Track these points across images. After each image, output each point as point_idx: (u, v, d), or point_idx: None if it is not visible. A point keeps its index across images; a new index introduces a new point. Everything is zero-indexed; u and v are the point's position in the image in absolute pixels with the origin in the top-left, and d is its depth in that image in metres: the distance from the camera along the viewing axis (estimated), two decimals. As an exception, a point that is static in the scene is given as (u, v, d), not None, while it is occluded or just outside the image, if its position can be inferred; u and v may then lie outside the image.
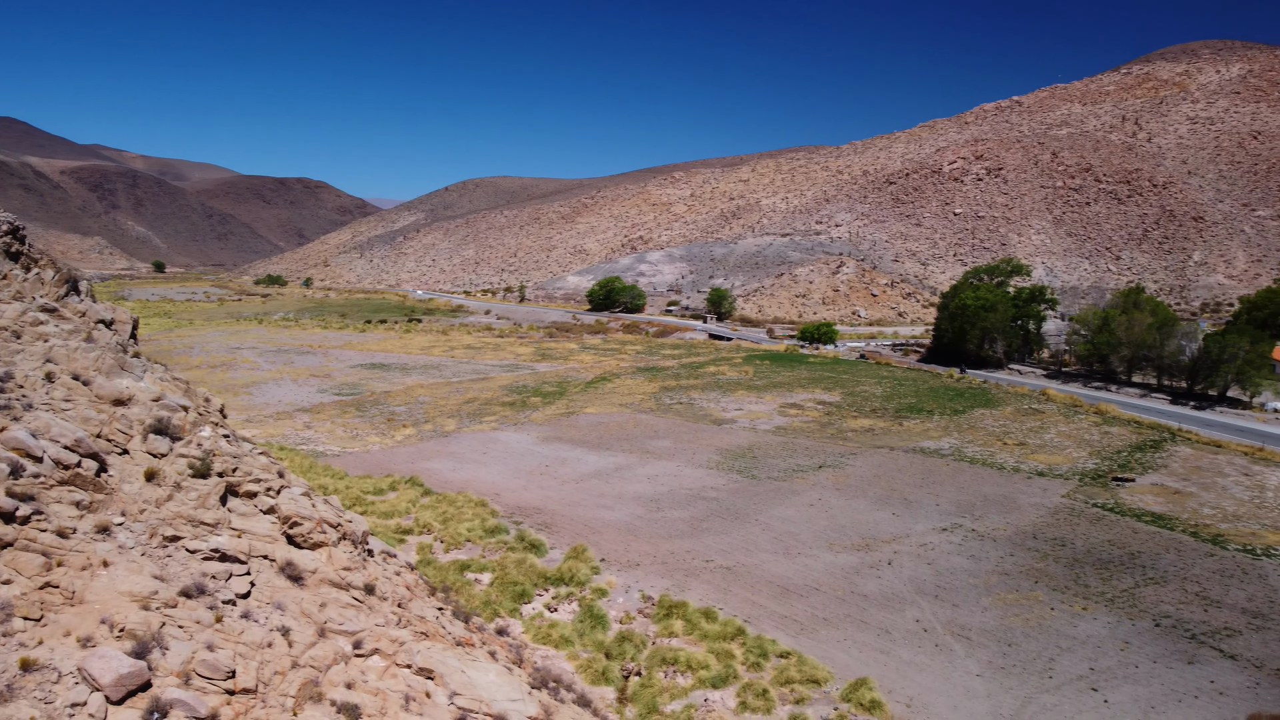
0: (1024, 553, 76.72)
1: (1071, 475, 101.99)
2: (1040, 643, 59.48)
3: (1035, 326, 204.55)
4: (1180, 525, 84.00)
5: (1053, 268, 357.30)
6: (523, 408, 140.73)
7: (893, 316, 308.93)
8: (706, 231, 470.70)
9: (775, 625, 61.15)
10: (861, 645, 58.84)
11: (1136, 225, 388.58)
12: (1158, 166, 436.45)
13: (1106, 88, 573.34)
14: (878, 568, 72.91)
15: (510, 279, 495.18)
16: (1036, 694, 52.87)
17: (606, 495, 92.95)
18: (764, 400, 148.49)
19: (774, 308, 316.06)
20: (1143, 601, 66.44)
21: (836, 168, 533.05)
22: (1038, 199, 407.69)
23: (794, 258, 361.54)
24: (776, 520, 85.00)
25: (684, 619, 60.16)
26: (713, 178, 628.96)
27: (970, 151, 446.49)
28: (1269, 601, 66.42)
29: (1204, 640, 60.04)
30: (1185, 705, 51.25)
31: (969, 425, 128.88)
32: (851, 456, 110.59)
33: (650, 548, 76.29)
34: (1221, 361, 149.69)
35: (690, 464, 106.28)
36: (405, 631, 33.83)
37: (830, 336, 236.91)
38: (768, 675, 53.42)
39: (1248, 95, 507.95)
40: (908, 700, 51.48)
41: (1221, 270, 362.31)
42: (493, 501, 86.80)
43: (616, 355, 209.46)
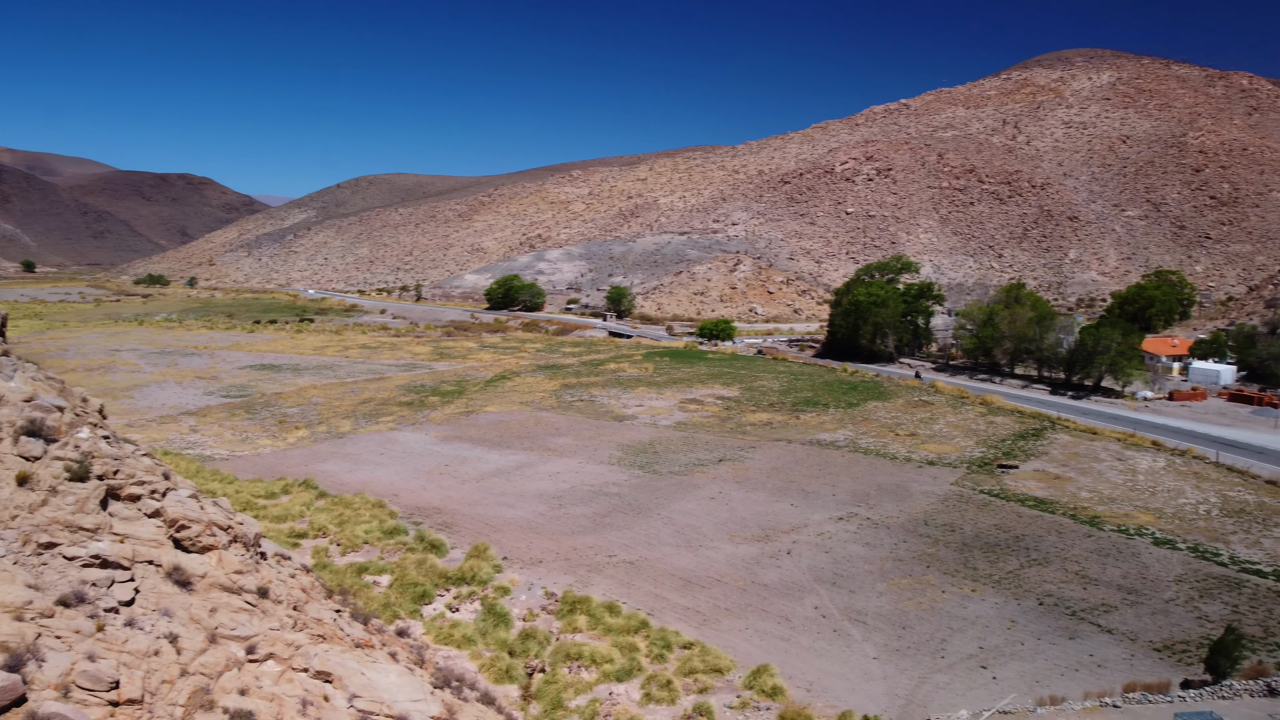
0: (916, 539, 79.19)
1: (960, 464, 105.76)
2: (933, 624, 61.48)
3: (924, 322, 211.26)
4: (1060, 508, 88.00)
5: (940, 265, 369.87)
6: (421, 407, 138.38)
7: (788, 313, 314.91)
8: (605, 230, 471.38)
9: (679, 617, 61.63)
10: (763, 633, 59.80)
11: (1017, 224, 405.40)
12: (1036, 168, 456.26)
13: (988, 92, 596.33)
14: (777, 558, 74.21)
15: (406, 278, 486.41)
16: (930, 673, 54.64)
17: (508, 493, 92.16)
18: (664, 396, 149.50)
19: (673, 305, 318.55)
20: (1027, 582, 69.36)
21: (733, 167, 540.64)
22: (925, 199, 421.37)
23: (692, 256, 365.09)
24: (678, 514, 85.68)
25: (588, 614, 60.10)
26: (611, 176, 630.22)
27: (861, 152, 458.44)
28: (1141, 578, 70.15)
29: (1084, 616, 63.03)
30: (1067, 678, 53.70)
31: (863, 417, 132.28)
32: (751, 450, 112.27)
33: (553, 544, 75.97)
34: (1096, 353, 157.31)
35: (592, 460, 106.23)
36: (302, 635, 32.85)
37: (728, 333, 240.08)
38: (672, 666, 53.80)
39: (1117, 101, 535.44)
40: (808, 685, 52.54)
41: (1095, 267, 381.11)
42: (391, 502, 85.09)
43: (516, 353, 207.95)
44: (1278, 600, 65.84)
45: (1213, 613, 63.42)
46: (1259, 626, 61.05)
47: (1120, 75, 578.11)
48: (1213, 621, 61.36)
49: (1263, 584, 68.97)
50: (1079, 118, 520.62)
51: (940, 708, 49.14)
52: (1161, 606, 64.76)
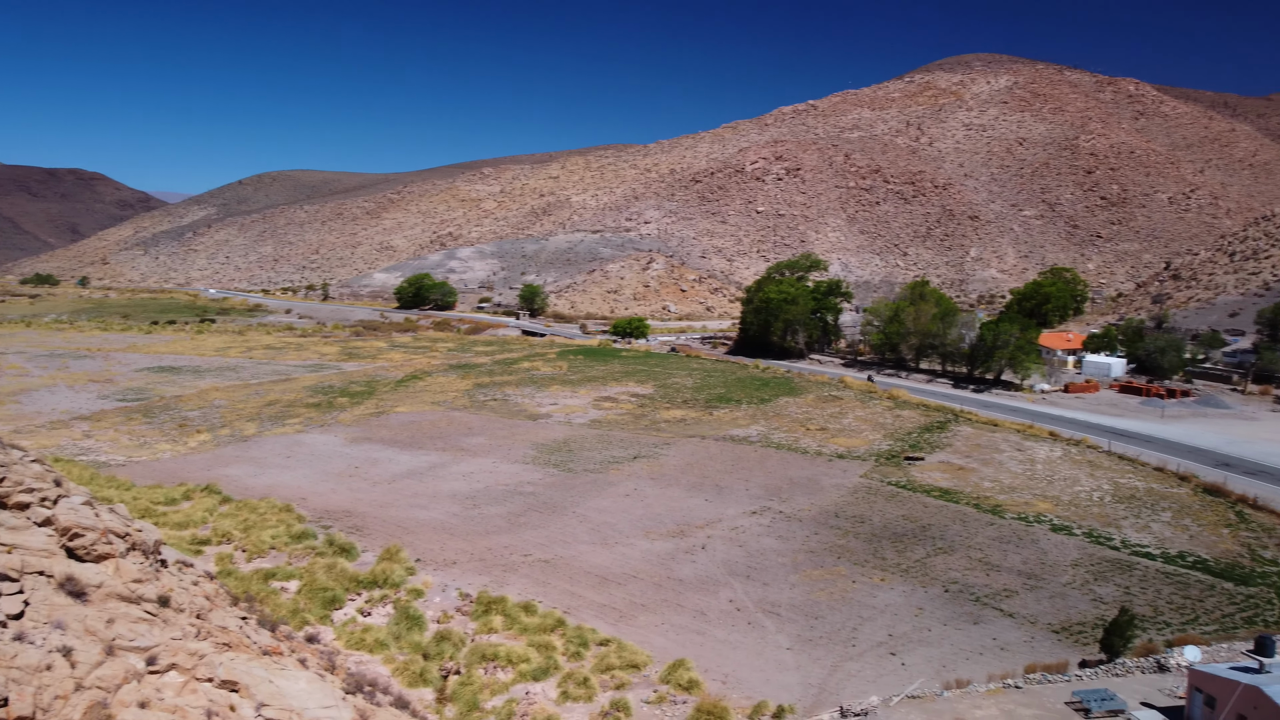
0: (828, 531, 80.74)
1: (868, 456, 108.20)
2: (844, 614, 62.77)
3: (833, 318, 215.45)
4: (964, 498, 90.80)
5: (848, 263, 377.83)
6: (329, 408, 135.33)
7: (701, 311, 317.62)
8: (518, 228, 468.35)
9: (595, 614, 61.60)
10: (679, 628, 60.20)
11: (921, 223, 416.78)
12: (938, 169, 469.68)
13: (892, 94, 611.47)
14: (692, 553, 74.79)
15: (313, 276, 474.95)
16: (842, 662, 55.78)
17: (421, 495, 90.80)
18: (578, 394, 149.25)
19: (586, 303, 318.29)
20: (934, 570, 71.37)
21: (645, 166, 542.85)
22: (833, 198, 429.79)
23: (605, 254, 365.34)
24: (594, 511, 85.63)
25: (503, 614, 59.63)
26: (523, 174, 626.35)
27: (771, 152, 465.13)
28: (1041, 563, 72.86)
29: (987, 602, 65.15)
30: (972, 662, 55.43)
31: (775, 413, 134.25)
32: (665, 446, 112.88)
33: (467, 545, 75.14)
34: (996, 348, 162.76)
35: (506, 460, 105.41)
36: (205, 644, 31.78)
37: (642, 331, 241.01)
38: (588, 664, 53.76)
39: (1014, 105, 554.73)
40: (723, 677, 53.09)
41: (995, 265, 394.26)
42: (299, 506, 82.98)
43: (428, 353, 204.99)
44: (1166, 581, 69.14)
45: (1106, 595, 66.22)
46: (1149, 606, 63.99)
47: (1017, 80, 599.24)
48: (1107, 603, 64.07)
49: (1152, 566, 72.32)
50: (978, 120, 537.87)
51: (852, 695, 50.19)
52: (1059, 590, 67.34)
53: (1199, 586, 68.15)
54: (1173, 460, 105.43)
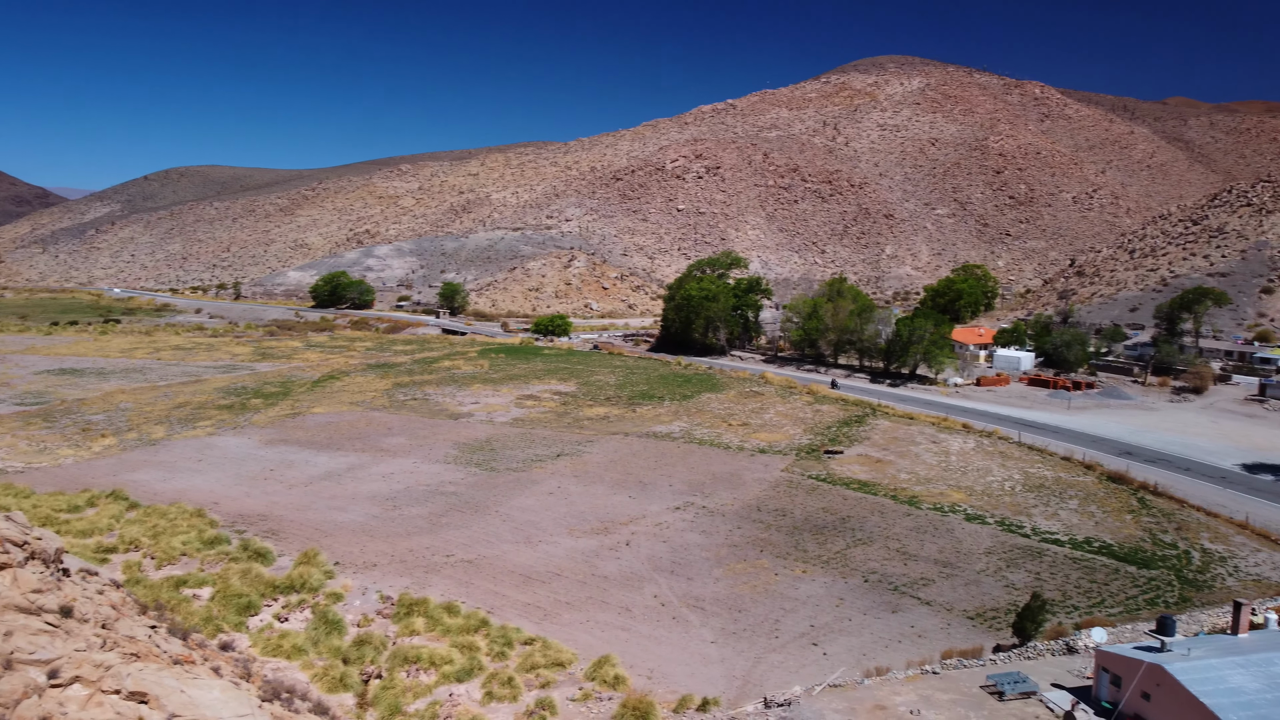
0: (750, 525, 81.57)
1: (789, 451, 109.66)
2: (767, 606, 63.49)
3: (754, 315, 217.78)
4: (882, 490, 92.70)
5: (767, 261, 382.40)
6: (243, 410, 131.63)
7: (623, 308, 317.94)
8: (437, 225, 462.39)
9: (519, 613, 61.15)
10: (604, 625, 60.13)
11: (838, 221, 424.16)
12: (854, 168, 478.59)
13: (809, 94, 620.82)
14: (617, 549, 74.79)
15: (224, 275, 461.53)
16: (765, 654, 56.39)
17: (339, 496, 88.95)
18: (500, 393, 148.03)
19: (508, 301, 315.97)
20: (853, 560, 72.68)
21: (565, 163, 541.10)
22: (752, 197, 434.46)
23: (526, 252, 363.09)
24: (517, 510, 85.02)
25: (425, 616, 58.75)
26: (441, 171, 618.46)
27: (691, 151, 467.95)
28: (955, 552, 74.80)
29: (905, 591, 66.61)
30: (891, 649, 56.60)
31: (697, 409, 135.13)
32: (588, 444, 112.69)
33: (388, 547, 73.86)
34: (911, 343, 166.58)
35: (427, 460, 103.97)
36: (112, 654, 30.55)
37: (564, 329, 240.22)
38: (513, 663, 53.32)
39: (926, 106, 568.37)
40: (649, 672, 53.20)
41: (909, 262, 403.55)
42: (211, 511, 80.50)
43: (345, 352, 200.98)
44: (1074, 566, 71.64)
45: (1018, 581, 68.31)
46: (1058, 591, 66.21)
47: (929, 81, 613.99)
48: (1018, 589, 66.08)
49: (1060, 552, 74.86)
50: (892, 121, 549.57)
51: (775, 686, 50.76)
52: (974, 577, 69.22)
53: (1104, 570, 70.79)
54: (1079, 450, 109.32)
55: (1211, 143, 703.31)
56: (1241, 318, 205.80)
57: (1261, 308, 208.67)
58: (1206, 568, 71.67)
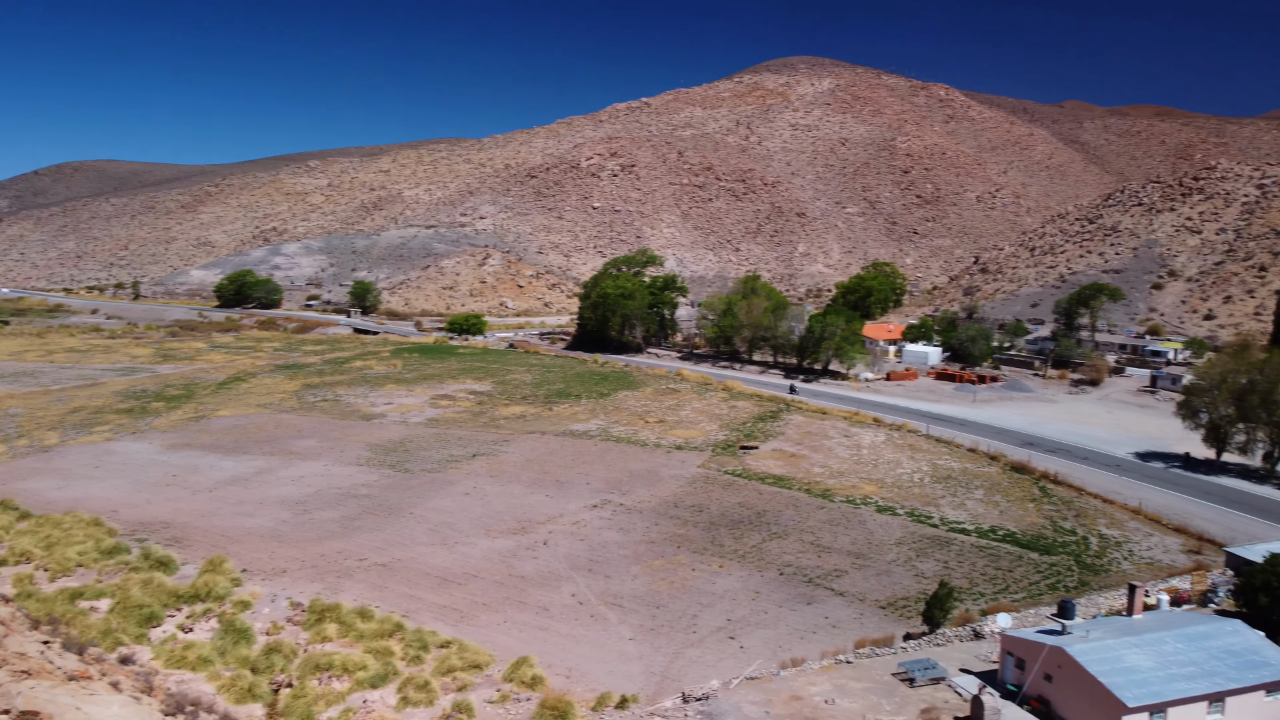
0: (668, 521, 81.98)
1: (706, 447, 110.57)
2: (685, 602, 63.88)
3: (670, 313, 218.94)
4: (797, 484, 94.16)
5: (683, 258, 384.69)
6: (143, 414, 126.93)
7: (539, 306, 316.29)
8: (347, 223, 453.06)
9: (435, 616, 60.33)
10: (522, 625, 59.73)
11: (752, 220, 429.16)
12: (767, 167, 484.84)
13: (723, 94, 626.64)
14: (534, 549, 74.37)
15: (122, 274, 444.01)
16: (683, 649, 56.74)
17: (247, 502, 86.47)
18: (414, 393, 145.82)
19: (421, 300, 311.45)
20: (769, 554, 73.65)
21: (479, 160, 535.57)
22: (667, 195, 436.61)
23: (440, 250, 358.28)
24: (433, 512, 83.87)
25: (338, 621, 57.50)
26: (351, 167, 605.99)
27: (606, 148, 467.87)
28: (868, 543, 76.41)
29: (819, 583, 67.76)
30: (806, 640, 57.51)
31: (614, 407, 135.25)
32: (505, 443, 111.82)
33: (299, 552, 72.09)
34: (823, 339, 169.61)
35: (339, 462, 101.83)
36: (1, 673, 29.10)
37: (479, 327, 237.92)
38: (429, 667, 52.56)
39: (837, 106, 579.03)
40: (567, 671, 53.02)
41: (821, 260, 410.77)
42: (110, 519, 77.39)
43: (252, 353, 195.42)
44: (980, 554, 73.88)
45: (928, 570, 70.13)
46: (965, 579, 68.18)
47: (839, 82, 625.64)
48: (928, 578, 67.84)
49: (967, 541, 77.12)
50: (804, 121, 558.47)
51: (693, 680, 51.10)
52: (885, 568, 70.82)
53: (1009, 558, 73.18)
54: (984, 441, 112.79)
55: (1105, 145, 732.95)
56: (1134, 312, 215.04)
57: (1152, 303, 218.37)
58: (1103, 552, 74.66)
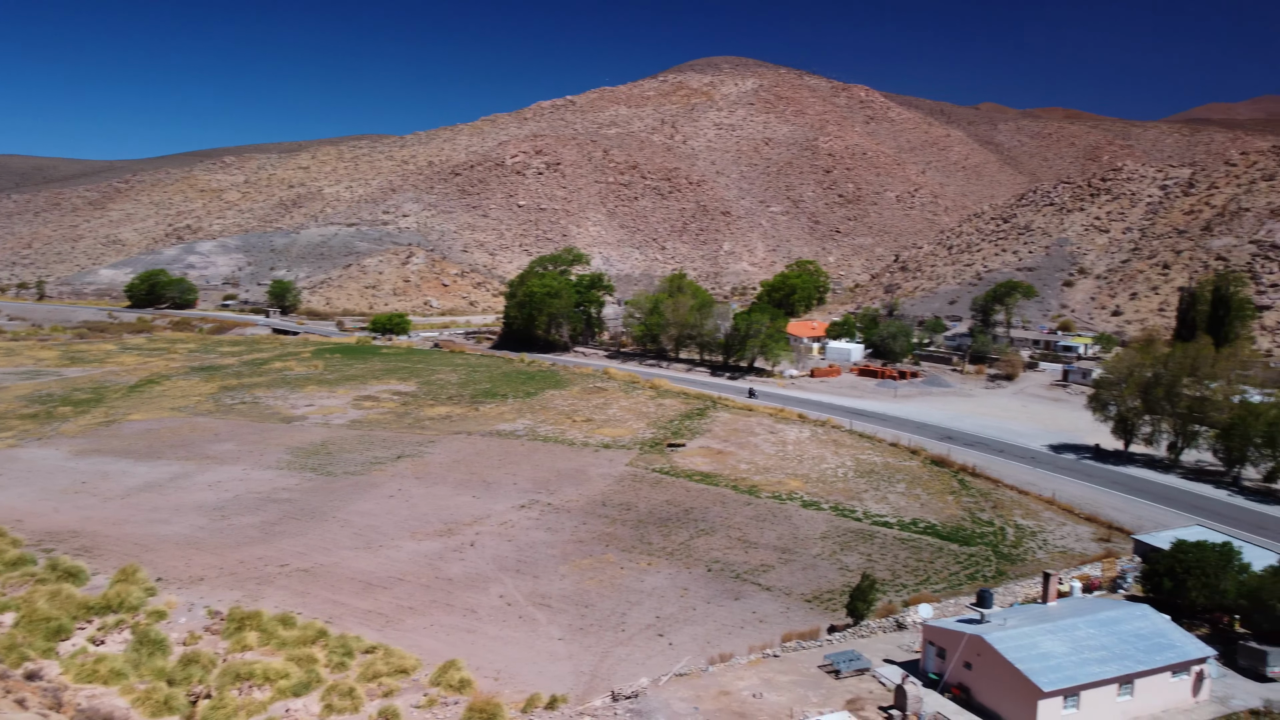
0: (596, 520, 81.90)
1: (633, 445, 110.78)
2: (613, 600, 63.89)
3: (596, 311, 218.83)
4: (724, 481, 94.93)
5: (609, 257, 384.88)
6: (49, 419, 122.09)
7: (464, 305, 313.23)
8: (265, 220, 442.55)
9: (360, 621, 59.27)
10: (449, 628, 59.05)
11: (677, 218, 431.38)
12: (692, 166, 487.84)
13: (648, 93, 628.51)
14: (461, 550, 73.61)
15: (25, 274, 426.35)
16: (612, 647, 56.73)
17: (161, 508, 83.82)
18: (337, 394, 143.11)
19: (343, 299, 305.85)
20: (697, 551, 74.11)
21: (402, 157, 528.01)
22: (593, 193, 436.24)
23: (362, 248, 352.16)
24: (356, 515, 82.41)
25: (259, 629, 56.02)
26: (269, 163, 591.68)
27: (531, 146, 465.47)
28: (794, 538, 77.42)
29: (746, 578, 68.42)
30: (734, 635, 58.00)
31: (541, 406, 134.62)
32: (430, 444, 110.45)
33: (216, 559, 70.12)
34: (749, 337, 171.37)
35: (259, 466, 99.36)
36: (-105, 693, 27.66)
37: (403, 327, 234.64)
38: (354, 673, 51.59)
39: (760, 106, 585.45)
40: (496, 673, 52.58)
41: (746, 258, 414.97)
42: (14, 529, 74.20)
43: (166, 355, 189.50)
44: (902, 547, 75.46)
45: (851, 563, 71.35)
46: (888, 571, 69.56)
47: (762, 83, 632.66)
48: (852, 571, 68.99)
49: (889, 534, 78.70)
50: (728, 120, 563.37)
51: (623, 679, 51.12)
52: (810, 562, 71.85)
53: (930, 549, 74.89)
54: (905, 436, 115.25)
55: (1019, 146, 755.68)
56: (1047, 309, 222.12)
57: (1063, 299, 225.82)
58: (1020, 542, 76.90)
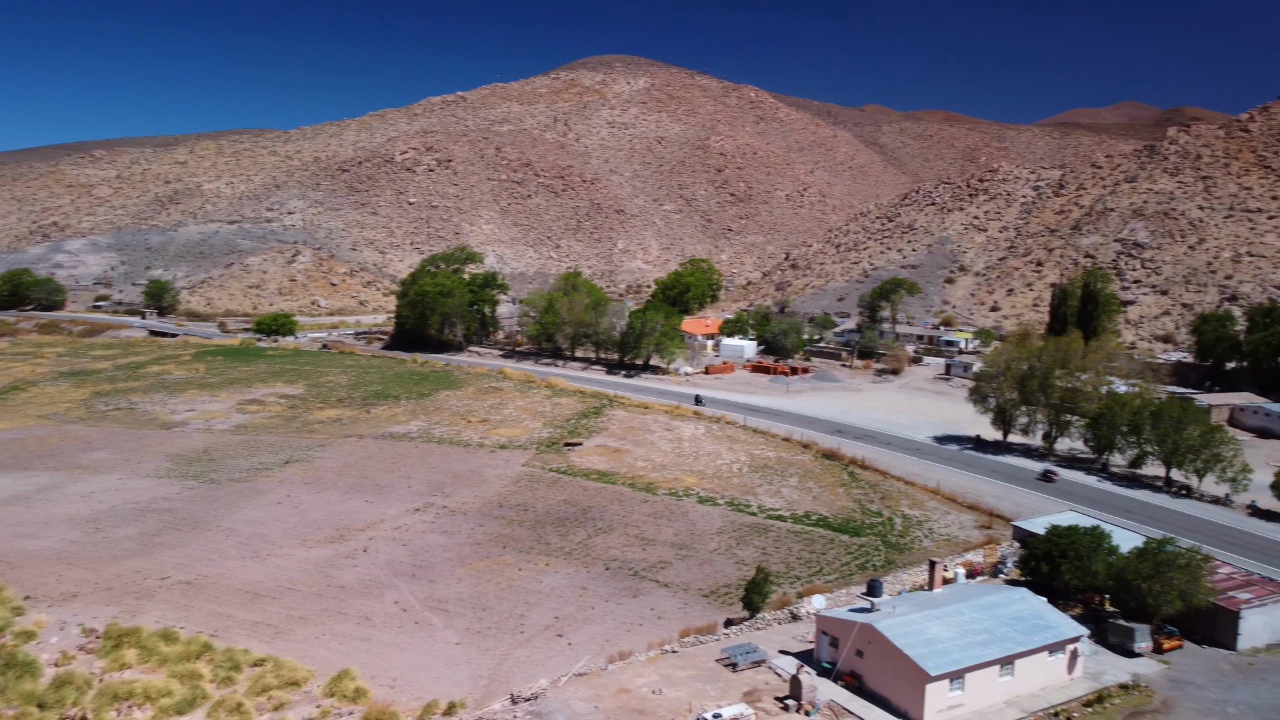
0: (493, 521, 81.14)
1: (530, 445, 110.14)
2: (511, 602, 63.42)
3: (491, 310, 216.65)
4: (621, 479, 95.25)
5: (503, 255, 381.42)
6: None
7: (354, 305, 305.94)
8: (139, 218, 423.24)
9: (248, 633, 57.32)
10: (342, 637, 57.64)
11: (571, 216, 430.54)
12: (586, 164, 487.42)
13: (540, 90, 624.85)
14: (354, 557, 71.94)
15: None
16: (511, 650, 56.31)
17: (28, 522, 79.34)
18: (220, 398, 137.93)
19: (225, 300, 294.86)
20: (595, 550, 74.18)
21: (286, 153, 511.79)
22: (486, 191, 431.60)
23: (245, 246, 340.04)
24: (243, 523, 79.65)
25: (138, 646, 53.62)
26: (143, 158, 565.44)
27: (421, 143, 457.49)
28: (690, 534, 78.25)
29: (645, 575, 68.84)
30: (633, 633, 58.28)
31: (435, 407, 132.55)
32: (320, 448, 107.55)
33: (91, 574, 66.76)
34: (644, 335, 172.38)
35: (136, 475, 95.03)
36: None
37: (290, 328, 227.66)
38: (242, 688, 49.88)
39: (652, 105, 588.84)
40: (392, 681, 51.59)
41: (640, 256, 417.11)
42: None
43: (32, 360, 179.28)
44: (795, 539, 77.10)
45: (747, 557, 72.54)
46: (782, 564, 71.00)
47: (654, 82, 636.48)
48: (747, 564, 70.14)
49: (783, 527, 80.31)
50: (621, 119, 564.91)
51: (522, 681, 50.81)
52: (707, 557, 72.75)
53: (822, 541, 76.74)
54: (797, 430, 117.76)
55: (902, 147, 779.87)
56: (930, 305, 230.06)
57: (945, 296, 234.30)
58: (907, 532, 79.50)
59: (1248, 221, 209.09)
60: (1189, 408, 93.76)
